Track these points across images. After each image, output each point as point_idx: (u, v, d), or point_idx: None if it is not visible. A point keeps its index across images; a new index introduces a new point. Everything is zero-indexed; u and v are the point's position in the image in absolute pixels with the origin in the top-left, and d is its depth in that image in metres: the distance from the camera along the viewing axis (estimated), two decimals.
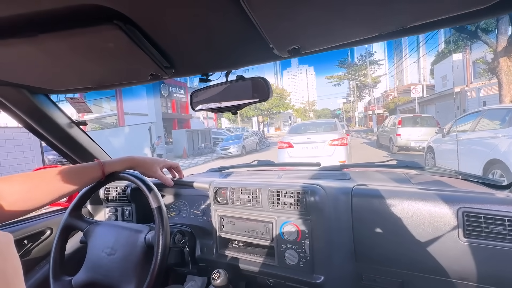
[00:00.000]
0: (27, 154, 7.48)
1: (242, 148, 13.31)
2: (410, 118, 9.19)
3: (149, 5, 0.44)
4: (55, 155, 13.62)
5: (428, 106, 16.89)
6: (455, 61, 17.08)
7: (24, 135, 7.43)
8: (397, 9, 0.46)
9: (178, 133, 15.96)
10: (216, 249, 1.00)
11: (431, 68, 27.31)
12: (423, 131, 8.53)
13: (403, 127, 8.79)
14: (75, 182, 0.71)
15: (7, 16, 0.45)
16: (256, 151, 14.79)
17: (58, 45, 0.54)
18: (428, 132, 8.44)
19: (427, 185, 0.93)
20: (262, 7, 0.43)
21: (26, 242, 1.01)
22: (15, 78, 0.75)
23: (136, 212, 1.17)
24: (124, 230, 0.79)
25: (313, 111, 74.22)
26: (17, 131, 7.48)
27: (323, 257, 0.84)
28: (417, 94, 13.88)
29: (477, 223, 0.71)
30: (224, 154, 12.99)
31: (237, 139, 14.07)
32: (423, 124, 8.86)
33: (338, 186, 0.93)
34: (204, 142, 16.97)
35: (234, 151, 12.87)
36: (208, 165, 10.79)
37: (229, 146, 13.11)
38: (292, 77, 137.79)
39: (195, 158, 14.01)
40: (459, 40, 19.94)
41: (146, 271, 0.69)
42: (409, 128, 8.73)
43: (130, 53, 0.58)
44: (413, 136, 8.56)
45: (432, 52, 24.50)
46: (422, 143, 8.33)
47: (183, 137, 15.25)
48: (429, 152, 5.78)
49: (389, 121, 10.57)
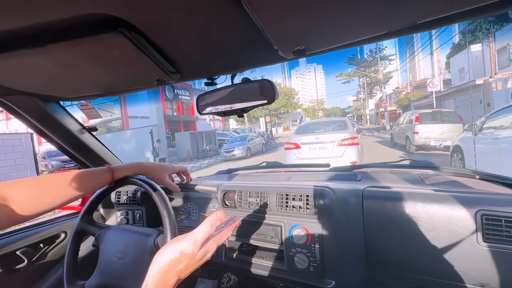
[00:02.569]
0: (19, 162, 7.13)
1: (247, 150, 12.78)
2: (429, 114, 8.32)
3: (153, 12, 0.45)
4: (58, 161, 13.61)
5: (446, 100, 15.79)
6: (474, 52, 16.09)
7: (15, 142, 7.09)
8: (406, 5, 0.44)
9: (181, 136, 15.53)
10: (225, 253, 1.00)
11: (446, 61, 26.00)
12: (444, 127, 7.69)
13: (421, 124, 7.97)
14: (85, 186, 0.71)
15: (17, 28, 0.47)
16: (262, 153, 14.25)
17: (66, 54, 0.55)
18: (450, 128, 7.62)
19: (443, 186, 0.89)
20: (265, 10, 0.43)
21: (42, 245, 1.03)
22: (27, 87, 0.77)
23: (146, 215, 1.18)
24: (134, 234, 0.78)
25: (322, 109, 72.90)
26: (8, 137, 7.16)
27: (334, 261, 0.82)
28: (435, 88, 12.77)
29: (497, 227, 0.68)
30: (228, 157, 12.50)
31: (242, 140, 13.55)
32: (444, 120, 8.00)
33: (348, 188, 0.90)
34: (208, 144, 16.50)
35: (239, 153, 12.36)
36: (212, 168, 10.32)
37: (233, 148, 12.60)
38: (301, 76, 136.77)
39: (199, 161, 13.57)
40: (477, 30, 18.90)
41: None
42: (428, 125, 7.91)
43: (135, 59, 0.58)
44: (433, 133, 7.74)
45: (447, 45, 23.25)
46: (443, 141, 7.52)
47: (186, 139, 14.79)
48: (455, 153, 5.00)
49: (405, 117, 9.71)
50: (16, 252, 0.95)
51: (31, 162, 7.40)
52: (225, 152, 12.82)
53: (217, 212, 0.53)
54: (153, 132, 12.47)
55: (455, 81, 17.30)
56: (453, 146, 5.14)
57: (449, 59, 23.30)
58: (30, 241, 1.00)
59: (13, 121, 22.37)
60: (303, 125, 6.56)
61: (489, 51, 12.95)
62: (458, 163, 4.85)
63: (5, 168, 6.90)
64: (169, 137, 18.49)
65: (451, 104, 14.73)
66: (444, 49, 29.99)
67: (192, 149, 14.89)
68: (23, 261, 0.96)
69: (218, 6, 0.44)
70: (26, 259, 0.97)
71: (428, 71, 40.39)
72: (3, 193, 0.56)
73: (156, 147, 12.19)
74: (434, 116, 8.23)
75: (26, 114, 0.92)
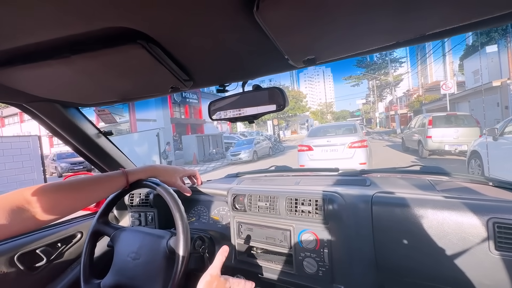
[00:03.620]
0: (26, 164, 7.19)
1: (254, 153, 12.60)
2: (443, 117, 7.94)
3: (169, 25, 0.47)
4: (67, 163, 13.82)
5: (460, 103, 15.20)
6: (489, 54, 15.51)
7: (23, 144, 7.16)
8: (414, 17, 0.45)
9: (188, 139, 15.48)
10: (234, 256, 1.02)
11: (459, 63, 25.25)
12: (459, 131, 7.32)
13: (435, 127, 7.61)
14: (102, 190, 0.74)
15: (45, 41, 0.49)
16: (269, 156, 14.05)
17: (88, 64, 0.58)
18: (466, 132, 7.24)
19: (454, 193, 0.87)
20: (276, 22, 0.44)
21: (59, 245, 1.07)
22: (50, 94, 0.80)
23: (158, 217, 1.20)
24: (147, 236, 0.81)
25: (331, 113, 72.17)
26: (16, 140, 7.24)
27: (343, 266, 0.82)
28: (448, 90, 12.23)
29: (510, 235, 0.66)
30: (234, 160, 12.35)
31: (248, 144, 13.39)
32: (459, 123, 7.61)
33: (358, 193, 0.90)
34: (215, 147, 16.43)
35: (245, 157, 12.20)
36: (218, 172, 10.20)
37: (240, 152, 12.45)
38: (309, 80, 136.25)
39: (205, 164, 13.50)
40: (492, 31, 18.26)
41: (169, 275, 0.70)
42: (442, 129, 7.54)
43: (152, 68, 0.61)
44: (448, 138, 7.37)
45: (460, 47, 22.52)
46: (459, 146, 7.16)
47: (193, 142, 14.73)
48: (473, 159, 4.69)
49: (417, 121, 9.34)
50: (36, 251, 0.98)
51: (38, 164, 7.45)
52: (231, 155, 12.68)
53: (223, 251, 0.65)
54: (160, 135, 12.47)
55: (469, 84, 16.71)
56: (470, 151, 4.83)
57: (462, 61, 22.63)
58: (49, 241, 1.04)
59: (26, 124, 22.99)
60: (315, 128, 6.94)
61: (507, 51, 12.38)
62: (476, 170, 4.54)
63: (13, 170, 6.96)
64: (177, 140, 18.52)
65: (465, 107, 14.16)
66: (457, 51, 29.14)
67: (199, 152, 14.83)
68: (42, 259, 0.99)
69: (232, 18, 0.46)
70: (45, 257, 1.00)
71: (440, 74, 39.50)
72: (27, 197, 0.60)
73: (166, 149, 12.20)
74: (448, 120, 7.85)
75: (47, 119, 0.96)
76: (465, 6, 0.42)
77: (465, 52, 22.33)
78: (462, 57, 23.82)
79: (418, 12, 0.43)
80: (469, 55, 18.57)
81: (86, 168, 14.35)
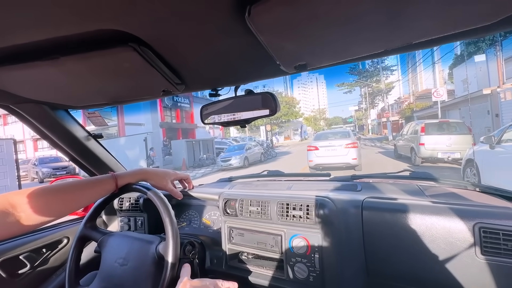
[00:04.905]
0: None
1: (245, 159, 12.27)
2: (435, 124, 7.83)
3: (161, 28, 0.47)
4: (49, 168, 13.21)
5: (451, 111, 15.31)
6: (478, 63, 15.80)
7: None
8: (402, 26, 0.47)
9: (177, 144, 14.99)
10: (225, 261, 1.01)
11: (449, 72, 25.74)
12: (452, 139, 7.21)
13: (428, 134, 7.49)
14: (90, 194, 0.73)
15: (33, 41, 0.48)
16: (261, 162, 13.75)
17: (77, 66, 0.58)
18: (459, 140, 7.13)
19: (442, 198, 0.88)
20: (267, 29, 0.45)
21: (44, 250, 1.03)
22: (38, 96, 0.79)
23: (148, 222, 1.19)
24: (135, 241, 0.79)
25: (324, 119, 72.68)
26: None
27: (334, 271, 0.82)
28: (440, 97, 12.22)
29: (495, 240, 0.68)
30: (225, 166, 11.99)
31: (239, 149, 13.07)
32: (452, 131, 7.51)
33: (348, 198, 0.91)
34: (206, 152, 16.02)
35: (236, 163, 11.85)
36: (207, 178, 9.84)
37: (230, 158, 12.11)
38: (303, 86, 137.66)
39: (195, 170, 13.09)
40: (480, 41, 18.72)
41: (157, 282, 0.69)
42: (434, 136, 7.42)
43: (143, 71, 0.60)
44: (440, 145, 7.24)
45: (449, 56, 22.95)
46: (452, 153, 7.04)
47: (183, 147, 14.24)
48: (469, 167, 4.51)
49: (409, 128, 9.24)
50: (19, 257, 0.94)
51: (12, 170, 6.96)
52: (221, 161, 12.31)
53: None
54: (148, 139, 12.05)
55: (459, 92, 16.98)
56: (465, 159, 4.65)
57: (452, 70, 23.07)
58: (33, 246, 0.99)
59: (9, 127, 22.13)
60: (319, 134, 8.93)
61: (497, 60, 12.54)
62: (472, 178, 4.35)
63: None
64: (167, 144, 18.07)
65: (456, 115, 14.26)
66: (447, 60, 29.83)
67: (189, 158, 14.39)
68: (26, 265, 0.95)
69: (224, 23, 0.47)
70: (28, 263, 0.96)
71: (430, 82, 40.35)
72: (12, 201, 0.58)
73: (151, 155, 11.77)
74: (440, 127, 7.74)
75: (35, 121, 0.93)
76: (450, 17, 0.44)
77: (454, 61, 22.80)
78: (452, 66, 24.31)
79: (406, 22, 0.45)
80: (458, 64, 18.92)
81: (70, 173, 13.79)
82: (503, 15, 0.42)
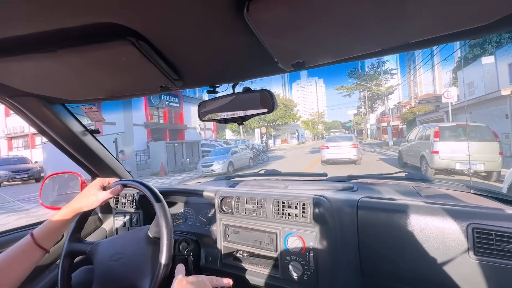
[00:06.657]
0: None
1: (229, 164, 10.88)
2: (452, 128, 6.50)
3: (160, 23, 0.47)
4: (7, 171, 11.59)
5: (458, 115, 13.99)
6: (485, 65, 14.69)
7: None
8: (398, 26, 0.48)
9: (156, 146, 13.49)
10: (220, 259, 1.02)
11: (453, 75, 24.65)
12: (473, 146, 5.86)
13: (442, 140, 6.13)
14: (13, 272, 0.60)
15: (30, 34, 0.48)
16: (249, 168, 12.35)
17: (75, 60, 0.57)
18: (482, 148, 5.77)
19: (436, 199, 0.91)
20: (266, 26, 0.46)
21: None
22: (35, 89, 0.78)
23: (143, 218, 1.21)
24: (127, 234, 0.80)
25: (322, 123, 71.60)
26: None
27: (328, 270, 0.83)
28: (451, 98, 10.91)
29: (488, 240, 0.69)
30: (206, 172, 10.59)
31: (224, 153, 11.66)
32: (472, 136, 6.16)
33: (344, 198, 0.92)
34: (190, 156, 14.58)
35: (218, 169, 10.45)
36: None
37: (212, 162, 10.72)
38: (301, 89, 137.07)
39: (174, 175, 11.67)
40: (486, 43, 17.59)
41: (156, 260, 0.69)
42: (451, 143, 6.06)
43: (141, 66, 0.61)
44: (458, 154, 5.87)
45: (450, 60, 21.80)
46: (473, 164, 5.65)
47: (162, 150, 12.75)
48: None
49: (417, 132, 7.88)
50: None
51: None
52: (202, 166, 10.90)
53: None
54: (118, 140, 10.59)
55: (464, 96, 15.79)
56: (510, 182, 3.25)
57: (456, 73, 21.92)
58: None
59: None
60: (329, 137, 11.56)
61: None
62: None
63: None
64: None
65: (464, 120, 12.99)
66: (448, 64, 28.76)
67: (169, 162, 12.93)
68: None
69: (222, 20, 0.47)
70: None
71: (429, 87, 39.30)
72: None
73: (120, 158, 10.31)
74: (457, 131, 6.41)
75: (32, 115, 0.92)
76: (447, 17, 0.45)
77: (458, 64, 21.67)
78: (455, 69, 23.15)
79: (403, 20, 0.45)
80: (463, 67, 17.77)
81: (32, 177, 12.30)
82: (499, 15, 0.43)
